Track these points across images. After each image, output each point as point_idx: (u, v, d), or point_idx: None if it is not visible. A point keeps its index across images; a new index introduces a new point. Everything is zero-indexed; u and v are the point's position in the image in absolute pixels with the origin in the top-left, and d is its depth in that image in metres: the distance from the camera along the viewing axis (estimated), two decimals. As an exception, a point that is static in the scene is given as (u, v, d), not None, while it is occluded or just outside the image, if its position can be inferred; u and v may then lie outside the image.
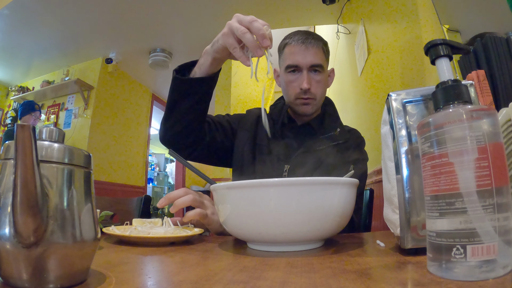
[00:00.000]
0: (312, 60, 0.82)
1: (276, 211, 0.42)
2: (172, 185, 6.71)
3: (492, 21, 0.96)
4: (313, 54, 0.82)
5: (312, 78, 0.83)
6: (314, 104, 0.84)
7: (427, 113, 0.39)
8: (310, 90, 0.82)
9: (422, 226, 0.36)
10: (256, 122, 0.90)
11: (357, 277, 0.29)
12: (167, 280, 0.31)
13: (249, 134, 0.87)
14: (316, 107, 0.85)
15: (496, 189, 0.26)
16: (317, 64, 0.82)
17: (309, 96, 0.82)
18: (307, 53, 0.82)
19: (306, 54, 0.82)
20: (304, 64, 0.82)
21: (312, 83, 0.82)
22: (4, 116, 3.77)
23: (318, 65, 0.82)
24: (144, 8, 2.66)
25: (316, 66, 0.82)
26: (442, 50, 0.33)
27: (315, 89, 0.83)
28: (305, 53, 0.82)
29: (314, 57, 0.82)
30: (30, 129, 0.22)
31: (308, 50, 0.82)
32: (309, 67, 0.82)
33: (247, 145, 0.86)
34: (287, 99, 0.88)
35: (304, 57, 0.82)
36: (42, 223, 0.24)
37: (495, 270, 0.25)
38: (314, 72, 0.83)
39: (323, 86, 0.85)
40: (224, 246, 0.52)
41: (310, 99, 0.83)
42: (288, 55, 0.84)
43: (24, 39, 2.95)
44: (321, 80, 0.84)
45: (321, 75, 0.84)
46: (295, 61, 0.82)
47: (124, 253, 0.46)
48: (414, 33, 1.28)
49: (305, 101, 0.83)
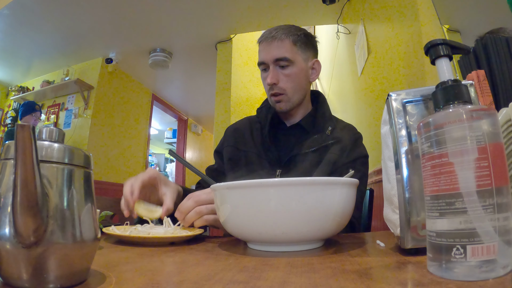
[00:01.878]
0: (275, 54, 0.79)
1: (276, 211, 0.42)
2: (172, 185, 6.70)
3: (492, 21, 0.96)
4: (276, 47, 0.80)
5: (280, 72, 0.80)
6: (286, 100, 0.81)
7: (427, 113, 0.39)
8: (278, 84, 0.80)
9: (422, 226, 0.36)
10: (234, 133, 0.91)
11: (357, 277, 0.29)
12: (167, 280, 0.31)
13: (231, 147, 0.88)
14: (290, 103, 0.82)
15: (496, 189, 0.26)
16: (280, 57, 0.79)
17: (277, 91, 0.80)
18: (270, 48, 0.80)
19: (269, 49, 0.80)
20: (268, 59, 0.80)
21: (280, 77, 0.80)
22: (4, 116, 3.77)
23: (282, 58, 0.79)
24: (144, 8, 2.66)
25: (280, 59, 0.79)
26: (442, 50, 0.33)
27: (284, 84, 0.80)
28: (269, 48, 0.80)
29: (277, 50, 0.79)
30: (30, 129, 0.22)
31: (270, 45, 0.80)
32: (274, 61, 0.80)
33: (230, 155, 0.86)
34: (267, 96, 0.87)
35: (268, 52, 0.80)
36: (42, 223, 0.24)
37: (495, 270, 0.25)
38: (280, 67, 0.80)
39: (294, 80, 0.81)
40: (224, 246, 0.52)
41: (280, 94, 0.81)
42: (258, 54, 0.84)
43: (24, 39, 2.95)
44: (290, 74, 0.80)
45: (290, 69, 0.80)
46: (261, 58, 0.82)
47: (124, 253, 0.46)
48: (414, 33, 1.28)
49: (276, 98, 0.81)
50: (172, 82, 4.29)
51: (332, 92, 3.21)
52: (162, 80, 4.15)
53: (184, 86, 4.45)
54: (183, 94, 4.74)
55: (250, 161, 0.83)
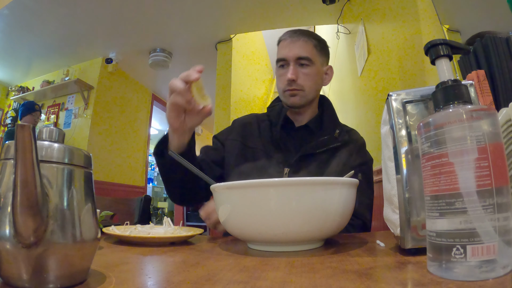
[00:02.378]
0: (298, 52, 0.83)
1: (276, 211, 0.42)
2: (172, 185, 6.70)
3: (492, 21, 0.96)
4: (299, 47, 0.84)
5: (299, 71, 0.84)
6: (303, 95, 0.84)
7: (427, 113, 0.39)
8: (297, 81, 0.83)
9: (422, 226, 0.36)
10: (243, 128, 0.90)
11: (357, 277, 0.29)
12: (167, 280, 0.31)
13: (237, 141, 0.88)
14: (305, 99, 0.85)
15: (496, 189, 0.26)
16: (303, 56, 0.83)
17: (295, 87, 0.83)
18: (293, 46, 0.84)
19: (293, 47, 0.84)
20: (290, 56, 0.83)
21: (299, 75, 0.83)
22: (4, 116, 3.77)
23: (304, 57, 0.83)
24: (144, 8, 2.66)
25: (302, 58, 0.83)
26: (442, 50, 0.33)
27: (303, 81, 0.83)
28: (292, 46, 0.84)
29: (300, 49, 0.83)
30: (30, 129, 0.22)
31: (294, 44, 0.84)
32: (296, 59, 0.83)
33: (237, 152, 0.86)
34: (279, 94, 0.89)
35: (290, 50, 0.84)
36: (42, 223, 0.24)
37: (495, 270, 0.25)
38: (301, 66, 0.84)
39: (312, 80, 0.85)
40: (224, 246, 0.52)
41: (297, 90, 0.83)
42: (279, 50, 0.87)
43: (24, 39, 2.95)
44: (309, 73, 0.84)
45: (309, 69, 0.84)
46: (282, 54, 0.85)
47: (124, 253, 0.46)
48: (414, 33, 1.28)
49: (292, 92, 0.83)
50: (172, 82, 4.28)
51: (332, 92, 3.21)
52: (162, 80, 4.15)
53: (184, 86, 4.44)
54: (183, 94, 4.73)
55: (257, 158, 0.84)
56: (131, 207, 2.08)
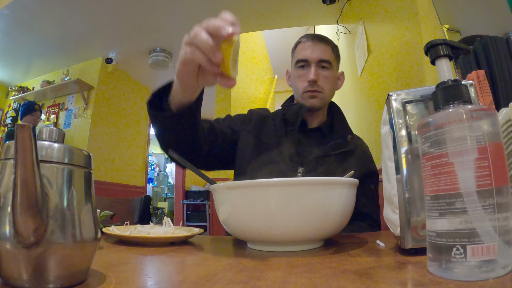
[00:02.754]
0: (320, 55, 0.85)
1: (276, 211, 0.42)
2: (172, 185, 6.71)
3: (492, 21, 0.96)
4: (322, 50, 0.86)
5: (320, 73, 0.85)
6: (322, 98, 0.86)
7: (427, 113, 0.39)
8: (318, 83, 0.84)
9: (422, 226, 0.36)
10: (260, 121, 0.90)
11: (357, 277, 0.29)
12: (167, 280, 0.31)
13: (253, 135, 0.87)
14: (323, 101, 0.87)
15: (496, 189, 0.26)
16: (325, 59, 0.85)
17: (316, 88, 0.85)
18: (315, 49, 0.86)
19: (315, 49, 0.86)
20: (312, 58, 0.85)
21: (320, 77, 0.85)
22: (4, 116, 3.77)
23: (326, 60, 0.85)
24: (144, 8, 2.66)
25: (324, 61, 0.85)
26: (442, 50, 0.33)
27: (323, 83, 0.85)
28: (314, 49, 0.86)
29: (322, 52, 0.86)
30: (30, 129, 0.22)
31: (316, 46, 0.86)
32: (317, 61, 0.85)
33: (252, 145, 0.85)
34: (296, 94, 0.90)
35: (313, 51, 0.86)
36: (42, 223, 0.24)
37: (495, 270, 0.25)
38: (322, 68, 0.86)
39: (330, 82, 0.87)
40: (224, 246, 0.52)
41: (317, 92, 0.85)
42: (299, 51, 0.88)
43: (24, 39, 2.95)
44: (329, 76, 0.86)
45: (329, 72, 0.86)
46: (304, 55, 0.86)
47: (124, 253, 0.46)
48: (414, 33, 1.28)
49: (312, 93, 0.85)
50: (172, 82, 4.29)
51: (332, 92, 3.21)
52: (162, 80, 4.08)
53: (184, 86, 4.45)
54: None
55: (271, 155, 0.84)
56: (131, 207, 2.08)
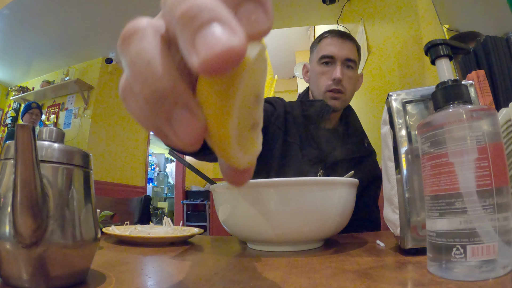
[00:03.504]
0: (348, 53, 0.81)
1: (276, 211, 0.42)
2: (172, 185, 6.71)
3: (492, 21, 0.96)
4: (349, 48, 0.82)
5: (345, 72, 0.82)
6: (344, 99, 0.83)
7: (427, 113, 0.39)
8: (342, 82, 0.81)
9: (422, 226, 0.36)
10: (285, 117, 0.86)
11: (357, 277, 0.29)
12: (167, 280, 0.31)
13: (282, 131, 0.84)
14: (344, 103, 0.84)
15: (496, 189, 0.26)
16: (351, 58, 0.82)
17: (340, 88, 0.81)
18: (343, 46, 0.82)
19: (343, 47, 0.82)
20: (339, 56, 0.81)
21: (345, 77, 0.81)
22: (4, 116, 3.77)
23: (352, 60, 0.82)
24: (144, 8, 2.66)
25: (350, 60, 0.82)
26: (442, 50, 0.33)
27: (347, 84, 0.82)
28: (342, 46, 0.82)
29: (350, 51, 0.82)
30: (30, 129, 0.22)
31: (345, 44, 0.82)
32: (344, 60, 0.81)
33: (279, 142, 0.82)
34: (317, 91, 0.85)
35: (341, 49, 0.82)
36: (42, 223, 0.24)
37: (495, 270, 0.25)
38: (347, 67, 0.82)
39: (353, 83, 0.83)
40: (224, 246, 0.52)
41: (340, 92, 0.81)
42: (324, 47, 0.84)
43: (24, 39, 2.95)
44: (352, 76, 0.83)
45: (353, 72, 0.83)
46: (330, 52, 0.82)
47: (124, 253, 0.46)
48: (414, 33, 1.28)
49: (335, 94, 0.81)
50: (172, 82, 4.28)
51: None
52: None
53: (184, 86, 4.45)
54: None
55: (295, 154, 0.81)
56: (131, 207, 2.08)
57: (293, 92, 4.95)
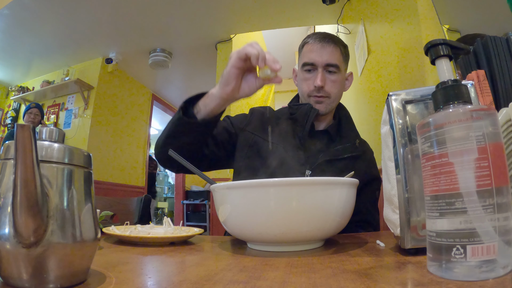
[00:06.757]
0: (328, 59, 0.82)
1: (276, 211, 0.42)
2: (172, 185, 6.71)
3: (492, 21, 0.96)
4: (329, 53, 0.82)
5: (327, 77, 0.82)
6: (328, 103, 0.83)
7: (427, 113, 0.39)
8: (324, 88, 0.82)
9: (422, 226, 0.36)
10: (263, 120, 0.88)
11: (357, 277, 0.29)
12: (167, 280, 0.31)
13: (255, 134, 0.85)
14: (330, 106, 0.84)
15: (496, 189, 0.26)
16: (332, 63, 0.82)
17: (323, 94, 0.82)
18: (323, 52, 0.82)
19: (322, 53, 0.82)
20: (320, 62, 0.82)
21: (327, 82, 0.82)
22: (4, 116, 3.77)
23: (333, 64, 0.82)
24: (144, 8, 2.66)
25: (331, 65, 0.82)
26: (442, 50, 0.33)
27: (330, 88, 0.82)
28: (321, 52, 0.82)
29: (330, 56, 0.82)
30: (30, 129, 0.22)
31: (324, 49, 0.82)
32: (324, 66, 0.82)
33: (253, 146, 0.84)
34: (301, 96, 0.88)
35: (320, 55, 0.82)
36: (42, 223, 0.24)
37: (495, 270, 0.25)
38: (329, 72, 0.83)
39: (338, 87, 0.84)
40: (224, 246, 0.52)
41: (323, 97, 0.82)
42: (306, 53, 0.85)
43: (24, 39, 2.95)
44: (336, 80, 0.83)
45: (337, 76, 0.83)
46: (311, 59, 0.83)
47: (124, 253, 0.46)
48: (414, 33, 1.28)
49: (318, 98, 0.82)
50: (172, 82, 4.29)
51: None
52: (162, 80, 4.15)
53: (184, 86, 4.45)
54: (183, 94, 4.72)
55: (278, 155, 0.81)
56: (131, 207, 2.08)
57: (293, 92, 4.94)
